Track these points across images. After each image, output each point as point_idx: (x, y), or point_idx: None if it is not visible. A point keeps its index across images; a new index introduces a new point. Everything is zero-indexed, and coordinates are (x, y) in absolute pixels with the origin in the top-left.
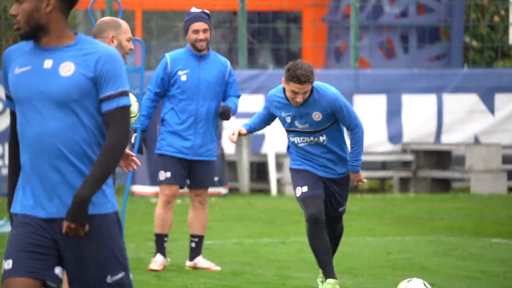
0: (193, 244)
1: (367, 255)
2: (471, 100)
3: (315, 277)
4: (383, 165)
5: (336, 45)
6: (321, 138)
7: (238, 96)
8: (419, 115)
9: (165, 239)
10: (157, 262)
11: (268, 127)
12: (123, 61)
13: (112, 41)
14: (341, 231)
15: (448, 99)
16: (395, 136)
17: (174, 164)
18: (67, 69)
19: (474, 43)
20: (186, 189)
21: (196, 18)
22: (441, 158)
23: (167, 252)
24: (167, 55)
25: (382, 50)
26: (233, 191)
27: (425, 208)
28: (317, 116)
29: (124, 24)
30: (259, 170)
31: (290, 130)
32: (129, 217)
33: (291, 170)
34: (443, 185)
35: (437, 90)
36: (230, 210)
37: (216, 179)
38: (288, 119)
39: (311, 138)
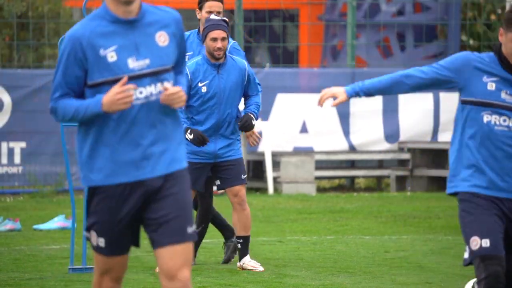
0: (239, 245)
1: (364, 254)
2: None
3: (312, 275)
4: (380, 164)
5: (332, 43)
6: None
7: (259, 93)
8: (416, 114)
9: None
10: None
11: (264, 124)
12: None
13: None
14: None
15: (445, 97)
16: (391, 135)
17: (192, 171)
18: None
19: (471, 41)
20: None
21: (215, 26)
22: (438, 156)
23: None
24: (186, 67)
25: (379, 48)
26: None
27: (422, 207)
28: None
29: None
30: (256, 169)
31: (489, 104)
32: None
33: (464, 196)
34: (440, 184)
35: (434, 89)
36: (226, 208)
37: (243, 176)
38: (492, 87)
39: None
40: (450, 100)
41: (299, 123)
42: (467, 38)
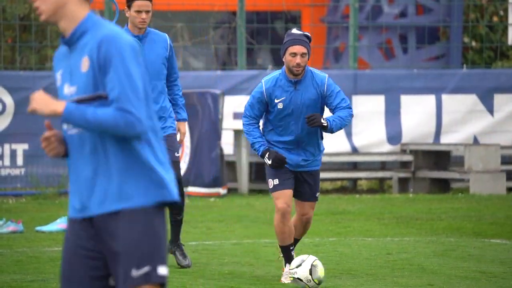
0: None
1: (366, 256)
2: (470, 100)
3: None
4: (382, 166)
5: (335, 45)
6: None
7: (345, 109)
8: (418, 116)
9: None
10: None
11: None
12: None
13: None
14: None
15: (447, 99)
16: (394, 137)
17: (282, 172)
18: None
19: (473, 43)
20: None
21: (295, 41)
22: (440, 158)
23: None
24: (263, 82)
25: (381, 50)
26: (232, 191)
27: (424, 209)
28: None
29: None
30: (258, 171)
31: None
32: None
33: None
34: (442, 186)
35: (436, 91)
36: (229, 210)
37: (318, 194)
38: None
39: None
40: (452, 102)
41: None
42: (470, 40)
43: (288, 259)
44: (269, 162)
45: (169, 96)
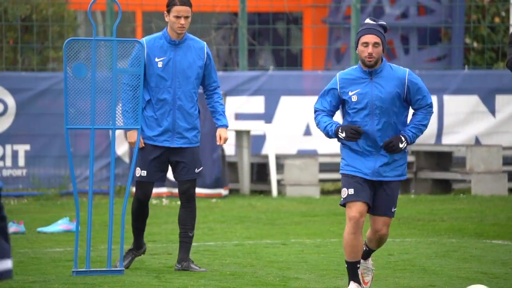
0: (365, 248)
1: None
2: (472, 101)
3: (316, 278)
4: None
5: (336, 46)
6: None
7: (426, 112)
8: None
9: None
10: None
11: (269, 127)
12: None
13: None
14: None
15: (449, 100)
16: None
17: (358, 182)
18: None
19: (475, 44)
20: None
21: (368, 30)
22: (442, 159)
23: (168, 254)
24: (338, 74)
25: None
26: (233, 192)
27: (426, 210)
28: None
29: None
30: (260, 171)
31: None
32: (129, 219)
33: None
34: (444, 187)
35: (438, 91)
36: (230, 211)
37: (394, 209)
38: None
39: None
40: (454, 103)
41: (303, 126)
42: (471, 40)
43: (353, 276)
44: (343, 134)
45: (209, 104)
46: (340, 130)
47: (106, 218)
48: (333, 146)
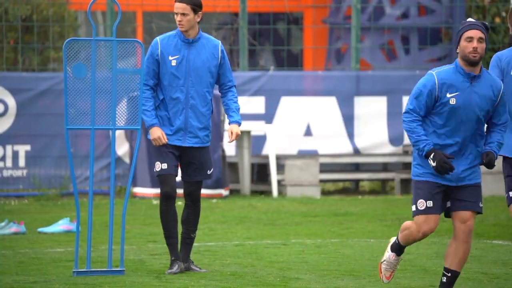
0: (444, 279)
1: (368, 257)
2: None
3: (317, 278)
4: (384, 167)
5: (337, 46)
6: None
7: (502, 128)
8: None
9: None
10: None
11: (269, 128)
12: None
13: None
14: None
15: None
16: (396, 138)
17: (435, 192)
18: None
19: None
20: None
21: (472, 25)
22: None
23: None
24: (435, 73)
25: (383, 51)
26: (234, 192)
27: None
28: None
29: None
30: (260, 172)
31: None
32: (130, 219)
33: None
34: None
35: None
36: (231, 211)
37: (481, 204)
38: None
39: None
40: None
41: (304, 126)
42: None
43: (399, 250)
44: (433, 164)
45: (223, 102)
46: (432, 157)
47: (107, 219)
48: (333, 147)
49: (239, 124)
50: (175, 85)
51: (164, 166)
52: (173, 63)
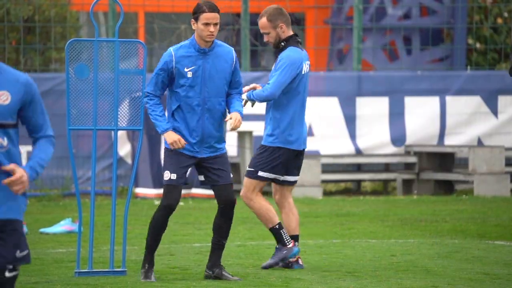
0: None
1: (370, 258)
2: (474, 102)
3: (318, 279)
4: (386, 167)
5: (339, 47)
6: None
7: None
8: (422, 117)
9: None
10: None
11: None
12: None
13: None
14: None
15: (451, 101)
16: (398, 138)
17: None
18: None
19: (477, 45)
20: (193, 191)
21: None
22: (444, 160)
23: (170, 255)
24: None
25: (385, 52)
26: (236, 193)
27: (428, 211)
28: None
29: None
30: None
31: None
32: (132, 219)
33: None
34: (446, 187)
35: (440, 92)
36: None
37: None
38: None
39: None
40: (456, 104)
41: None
42: (474, 41)
43: None
44: None
45: (228, 101)
46: None
47: (109, 219)
48: (335, 147)
49: (242, 115)
50: (192, 95)
51: (173, 176)
52: (189, 74)
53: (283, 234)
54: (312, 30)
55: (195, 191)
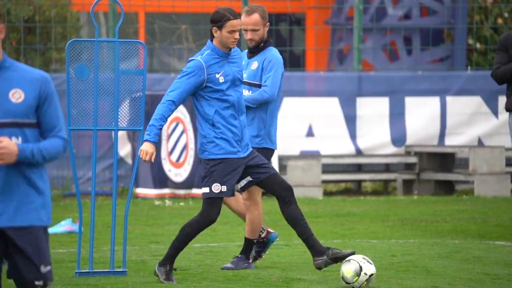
0: None
1: (370, 258)
2: (475, 102)
3: (319, 279)
4: (387, 168)
5: (339, 47)
6: None
7: None
8: (423, 118)
9: None
10: None
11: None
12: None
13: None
14: None
15: (452, 101)
16: (398, 139)
17: None
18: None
19: (478, 45)
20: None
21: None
22: (445, 160)
23: None
24: None
25: (385, 52)
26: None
27: (429, 211)
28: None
29: None
30: None
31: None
32: (132, 220)
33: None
34: (447, 188)
35: (441, 93)
36: (233, 212)
37: None
38: None
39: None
40: (457, 104)
41: (306, 127)
42: (474, 41)
43: None
44: None
45: None
46: None
47: (109, 219)
48: (335, 147)
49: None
50: (227, 99)
51: (224, 188)
52: (221, 80)
53: (253, 249)
54: (313, 30)
55: (195, 191)
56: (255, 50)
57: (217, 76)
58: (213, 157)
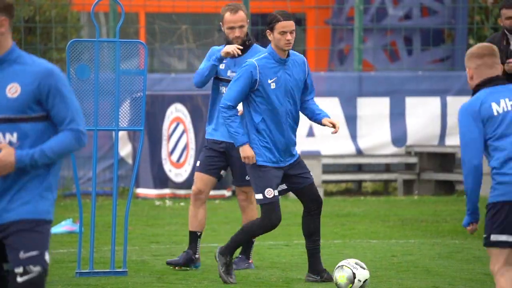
0: None
1: (371, 258)
2: None
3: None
4: (387, 168)
5: (339, 47)
6: None
7: None
8: (423, 118)
9: None
10: None
11: None
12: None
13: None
14: None
15: (452, 101)
16: (399, 139)
17: None
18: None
19: None
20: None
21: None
22: (445, 160)
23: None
24: None
25: (386, 52)
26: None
27: (429, 211)
28: None
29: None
30: None
31: None
32: (133, 220)
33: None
34: (447, 188)
35: (441, 93)
36: (233, 212)
37: None
38: None
39: None
40: (457, 104)
41: (306, 127)
42: (475, 42)
43: None
44: None
45: (306, 110)
46: None
47: (109, 219)
48: (336, 147)
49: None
50: (275, 106)
51: (276, 193)
52: (272, 86)
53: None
54: (313, 30)
55: None
56: (244, 48)
57: (269, 81)
58: (255, 164)
